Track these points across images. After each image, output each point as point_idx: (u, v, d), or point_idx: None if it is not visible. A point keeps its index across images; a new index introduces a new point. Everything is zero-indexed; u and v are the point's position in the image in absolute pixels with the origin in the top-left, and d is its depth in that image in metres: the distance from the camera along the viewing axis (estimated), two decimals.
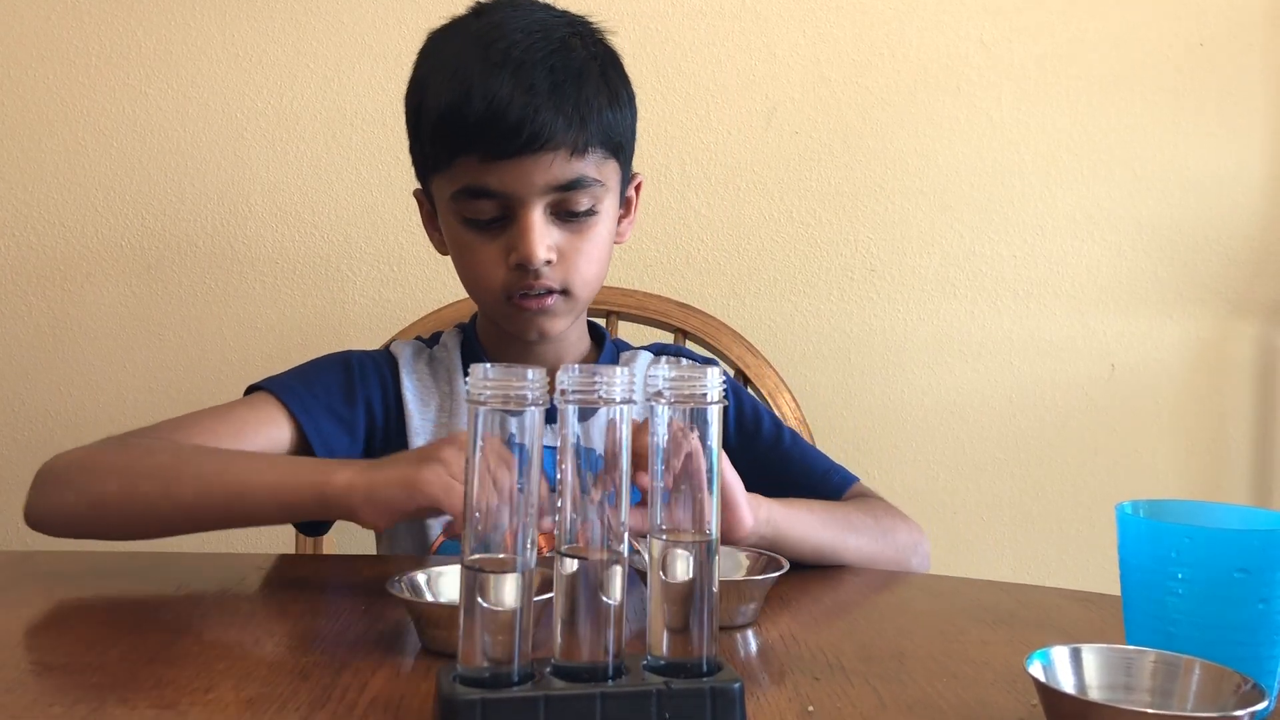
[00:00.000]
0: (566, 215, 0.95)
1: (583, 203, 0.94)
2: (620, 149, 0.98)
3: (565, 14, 0.99)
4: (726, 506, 0.81)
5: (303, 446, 0.97)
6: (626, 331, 1.35)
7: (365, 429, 1.02)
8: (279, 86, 1.56)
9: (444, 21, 1.00)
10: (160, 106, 1.56)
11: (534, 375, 0.55)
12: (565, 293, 0.97)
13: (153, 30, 1.55)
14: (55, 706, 0.58)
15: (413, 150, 1.01)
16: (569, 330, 1.02)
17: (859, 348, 1.61)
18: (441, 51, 0.97)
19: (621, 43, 1.02)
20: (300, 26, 1.56)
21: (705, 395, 0.58)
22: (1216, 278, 1.63)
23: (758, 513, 0.85)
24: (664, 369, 0.58)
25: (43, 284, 1.56)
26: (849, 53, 1.59)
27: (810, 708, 0.60)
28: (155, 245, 1.57)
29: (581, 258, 0.96)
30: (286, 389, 0.98)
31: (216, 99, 1.56)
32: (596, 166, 0.95)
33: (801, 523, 0.91)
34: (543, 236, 0.93)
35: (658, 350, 1.15)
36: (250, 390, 1.00)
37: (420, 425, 1.03)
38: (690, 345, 1.32)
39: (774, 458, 1.07)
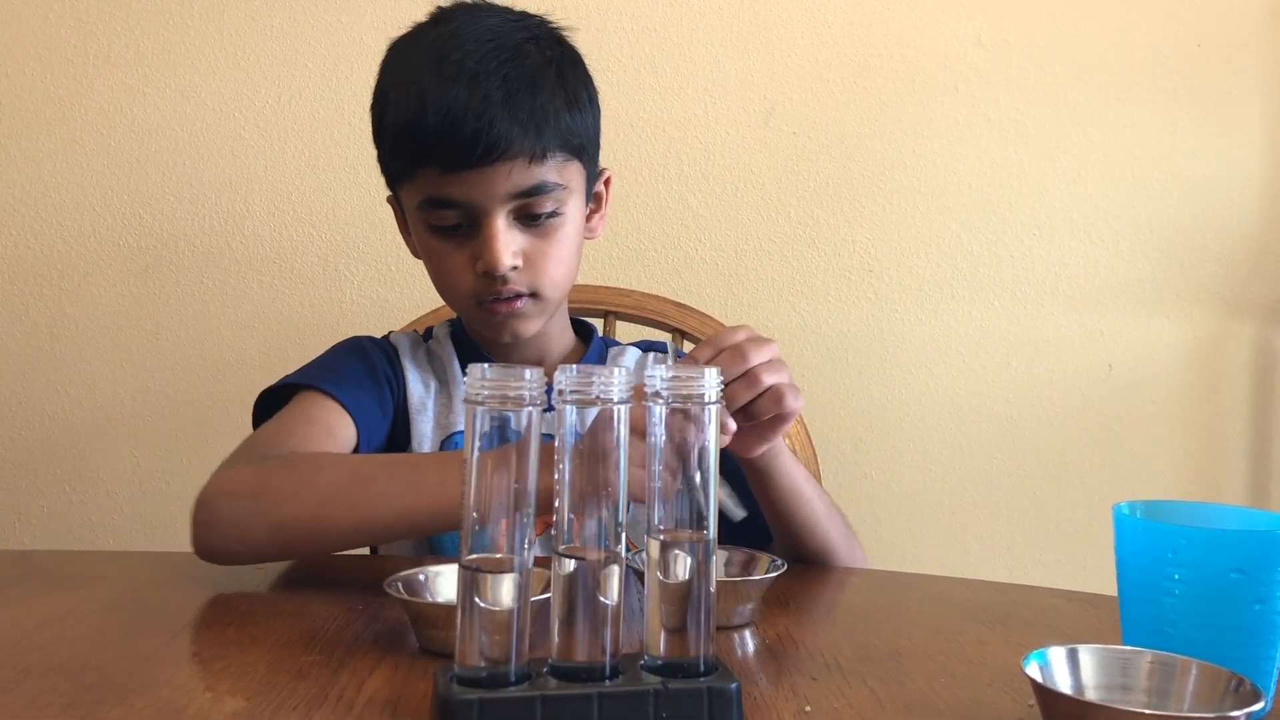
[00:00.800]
0: (530, 219, 0.95)
1: (545, 206, 0.95)
2: (582, 150, 0.98)
3: (523, 16, 0.99)
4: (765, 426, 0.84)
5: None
6: (624, 331, 1.35)
7: (391, 404, 1.05)
8: (277, 86, 1.56)
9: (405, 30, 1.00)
10: (159, 106, 1.56)
11: (531, 375, 0.55)
12: (535, 295, 0.97)
13: (152, 30, 1.55)
14: (53, 706, 0.58)
15: (379, 160, 1.02)
16: (549, 326, 1.04)
17: (856, 348, 1.61)
18: (401, 63, 0.97)
19: (619, 42, 1.02)
20: (298, 27, 1.56)
21: (703, 395, 0.58)
22: (1214, 278, 1.63)
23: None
24: (662, 369, 0.58)
25: (40, 283, 1.56)
26: (847, 53, 1.59)
27: (807, 708, 0.60)
28: (153, 245, 1.57)
29: (548, 260, 0.97)
30: (323, 379, 1.00)
31: (215, 99, 1.56)
32: (558, 170, 0.95)
33: (794, 467, 0.94)
34: (507, 244, 0.93)
35: (645, 348, 1.16)
36: (273, 391, 1.01)
37: (420, 404, 1.05)
38: (687, 346, 1.32)
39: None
